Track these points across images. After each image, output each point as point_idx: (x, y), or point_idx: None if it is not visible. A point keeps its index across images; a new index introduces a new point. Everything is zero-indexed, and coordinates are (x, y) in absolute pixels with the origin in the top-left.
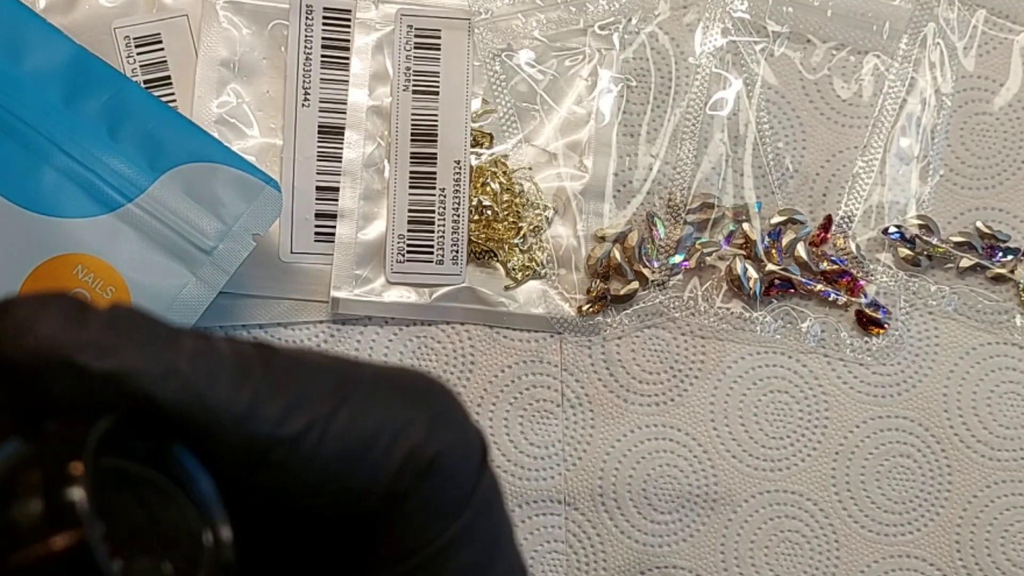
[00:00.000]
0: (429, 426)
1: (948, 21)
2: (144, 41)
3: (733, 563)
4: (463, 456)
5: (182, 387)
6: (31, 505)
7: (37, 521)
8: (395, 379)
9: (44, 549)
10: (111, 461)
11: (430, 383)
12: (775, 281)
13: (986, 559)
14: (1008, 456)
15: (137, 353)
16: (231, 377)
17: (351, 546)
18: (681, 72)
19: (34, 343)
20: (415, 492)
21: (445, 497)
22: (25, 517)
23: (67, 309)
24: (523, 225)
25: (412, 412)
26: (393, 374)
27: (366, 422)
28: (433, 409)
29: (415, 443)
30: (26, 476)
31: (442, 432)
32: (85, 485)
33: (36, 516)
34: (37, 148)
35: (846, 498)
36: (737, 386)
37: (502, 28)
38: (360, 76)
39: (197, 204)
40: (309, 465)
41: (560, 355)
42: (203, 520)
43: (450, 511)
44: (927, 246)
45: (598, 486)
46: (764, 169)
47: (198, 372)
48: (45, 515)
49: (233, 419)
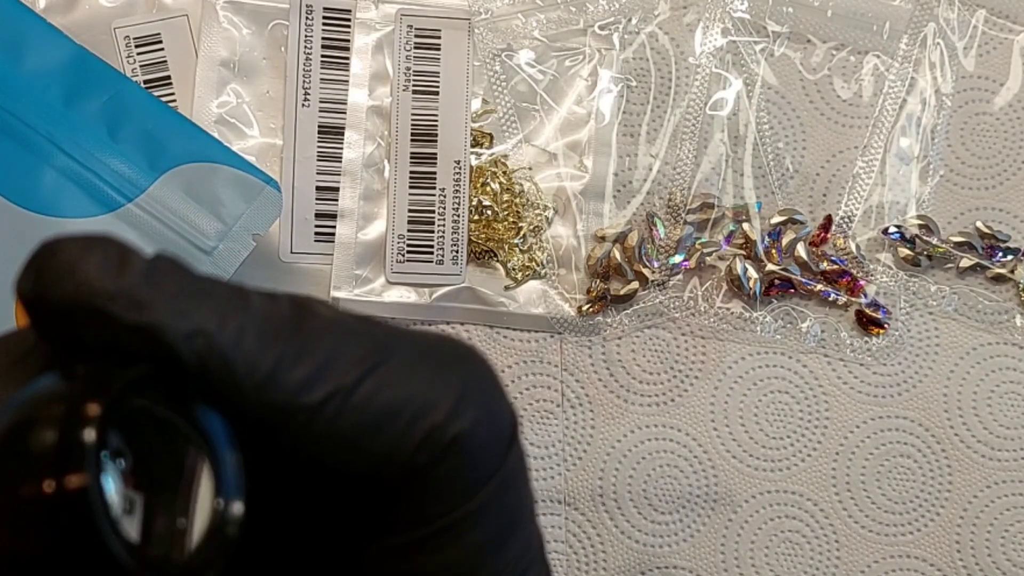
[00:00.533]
0: (455, 404)
1: (948, 21)
2: (144, 41)
3: (733, 563)
4: (487, 436)
5: (206, 346)
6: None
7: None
8: (429, 351)
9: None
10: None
11: (466, 356)
12: (775, 281)
13: (986, 559)
14: (1008, 456)
15: (167, 308)
16: (258, 338)
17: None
18: (681, 72)
19: (72, 288)
20: (432, 470)
21: (464, 476)
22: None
23: (109, 256)
24: (523, 225)
25: (439, 388)
26: (429, 345)
27: (389, 396)
28: (463, 385)
29: (436, 423)
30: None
31: (468, 411)
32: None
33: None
34: (37, 148)
35: (846, 498)
36: (737, 386)
37: (502, 28)
38: (360, 76)
39: (197, 204)
40: (328, 433)
41: (560, 355)
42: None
43: (468, 489)
44: (927, 246)
45: (598, 486)
46: (764, 169)
47: (225, 331)
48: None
49: (254, 383)
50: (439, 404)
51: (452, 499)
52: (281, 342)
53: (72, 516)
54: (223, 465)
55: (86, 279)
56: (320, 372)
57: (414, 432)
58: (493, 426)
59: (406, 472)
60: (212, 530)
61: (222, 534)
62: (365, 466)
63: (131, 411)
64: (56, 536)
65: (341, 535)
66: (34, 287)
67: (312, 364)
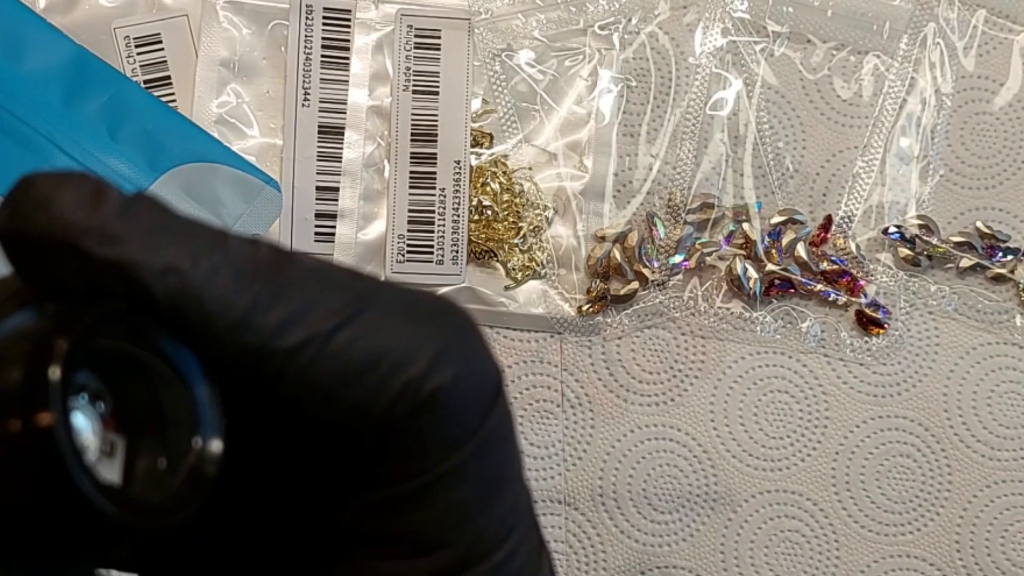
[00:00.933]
0: (434, 357)
1: (948, 21)
2: (144, 41)
3: (733, 563)
4: (468, 392)
5: (179, 284)
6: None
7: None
8: (412, 304)
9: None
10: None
11: (449, 310)
12: (775, 281)
13: (986, 559)
14: (1008, 456)
15: (141, 244)
16: (234, 279)
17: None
18: (681, 72)
19: (46, 221)
20: (410, 424)
21: (443, 432)
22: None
23: (84, 190)
24: (523, 225)
25: (419, 341)
26: (412, 298)
27: (367, 345)
28: (444, 339)
29: (414, 375)
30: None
31: (449, 365)
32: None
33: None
34: (37, 148)
35: (846, 498)
36: (737, 386)
37: (502, 28)
38: (360, 76)
39: (197, 204)
40: (303, 380)
41: (560, 355)
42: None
43: (448, 445)
44: (927, 246)
45: (598, 486)
46: (764, 169)
47: (199, 270)
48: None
49: (227, 324)
50: (418, 357)
51: (431, 455)
52: (257, 284)
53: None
54: (199, 403)
55: (60, 212)
56: (296, 317)
57: (391, 384)
58: (475, 382)
59: (383, 425)
60: (190, 469)
61: (200, 473)
62: (342, 416)
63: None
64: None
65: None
66: (8, 221)
67: (288, 308)
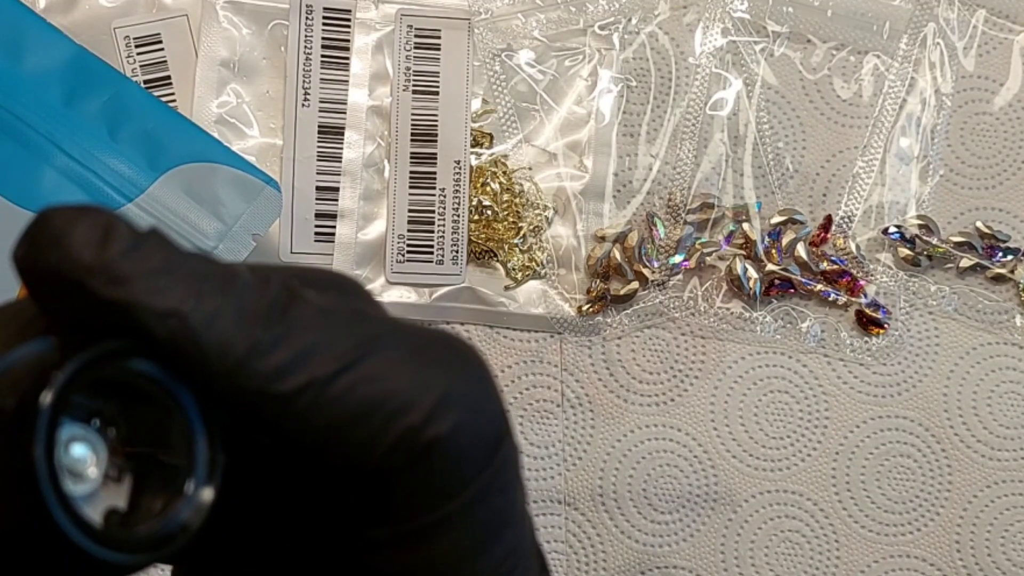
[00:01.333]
0: (435, 406)
1: (948, 21)
2: (144, 41)
3: (733, 563)
4: (470, 440)
5: (179, 327)
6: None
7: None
8: (421, 347)
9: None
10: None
11: (458, 354)
12: (775, 281)
13: (986, 559)
14: (1008, 456)
15: (144, 285)
16: (236, 322)
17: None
18: (681, 72)
19: (56, 259)
20: (407, 472)
21: (441, 481)
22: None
23: (95, 227)
24: (523, 225)
25: (422, 387)
26: (422, 341)
27: (368, 392)
28: (448, 385)
29: (413, 423)
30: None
31: (450, 413)
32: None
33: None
34: (37, 148)
35: (846, 498)
36: (737, 386)
37: (502, 28)
38: (360, 76)
39: (197, 204)
40: (301, 425)
41: (560, 355)
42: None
43: (446, 492)
44: (927, 246)
45: (598, 486)
46: (764, 169)
47: (200, 312)
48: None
49: (225, 367)
50: (419, 404)
51: (427, 503)
52: (260, 327)
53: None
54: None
55: (69, 251)
56: (296, 362)
57: (389, 432)
58: (477, 429)
59: (380, 472)
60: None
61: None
62: (339, 460)
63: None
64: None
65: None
66: (26, 254)
67: (289, 353)
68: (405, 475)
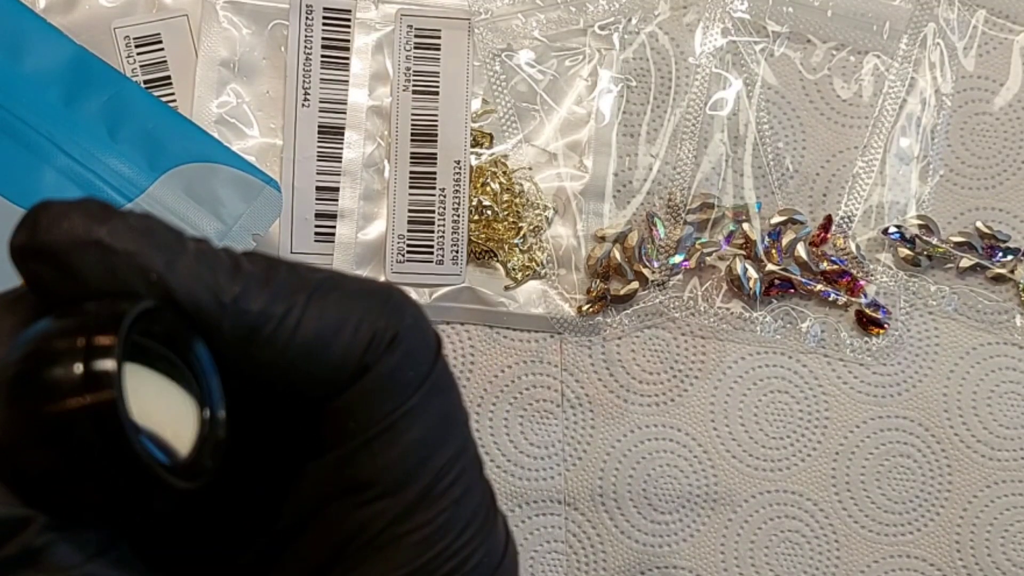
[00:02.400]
0: (389, 314)
1: (948, 21)
2: (144, 41)
3: (733, 563)
4: (419, 339)
5: (188, 272)
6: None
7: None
8: (364, 284)
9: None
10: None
11: (392, 288)
12: (775, 281)
13: (986, 559)
14: (1008, 456)
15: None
16: (227, 271)
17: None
18: (681, 72)
19: (68, 228)
20: (378, 365)
21: (404, 372)
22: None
23: (93, 207)
24: (523, 225)
25: (376, 304)
26: (363, 281)
27: (338, 309)
28: (392, 302)
29: (378, 326)
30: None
31: (401, 319)
32: (117, 356)
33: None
34: (37, 148)
35: (846, 498)
36: (737, 386)
37: (502, 28)
38: (360, 76)
39: (197, 204)
40: (291, 342)
41: (560, 355)
42: (205, 400)
43: (408, 386)
44: (927, 246)
45: (598, 486)
46: (764, 169)
47: (201, 264)
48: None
49: (230, 299)
50: (378, 315)
51: (396, 394)
52: (244, 274)
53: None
54: (208, 383)
55: (79, 220)
56: (279, 294)
57: (362, 334)
58: (422, 334)
59: (359, 370)
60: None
61: (214, 437)
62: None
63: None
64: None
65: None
66: (29, 237)
67: (271, 288)
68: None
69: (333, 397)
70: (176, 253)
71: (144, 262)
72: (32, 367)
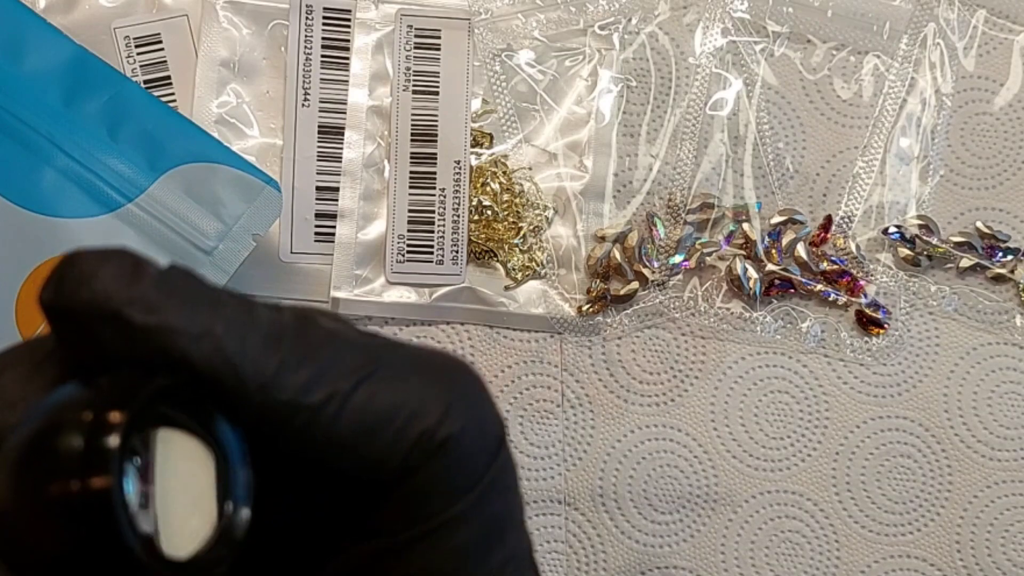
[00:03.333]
0: (445, 409)
1: (948, 21)
2: (144, 41)
3: (733, 563)
4: (475, 442)
5: (214, 349)
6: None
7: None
8: (422, 361)
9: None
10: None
11: (456, 367)
12: (775, 281)
13: (986, 559)
14: (1008, 456)
15: (178, 313)
16: (263, 343)
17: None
18: (681, 72)
19: (89, 296)
20: (424, 470)
21: (453, 477)
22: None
23: (123, 266)
24: (523, 225)
25: (431, 394)
26: (422, 356)
27: (385, 400)
28: (453, 392)
29: (428, 425)
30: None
31: (457, 416)
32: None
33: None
34: (37, 148)
35: (846, 498)
36: (737, 386)
37: (502, 28)
38: (360, 76)
39: (197, 204)
40: (328, 433)
41: (560, 355)
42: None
43: (457, 491)
44: (927, 246)
45: (598, 486)
46: (764, 169)
47: (232, 335)
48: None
49: (258, 383)
50: (430, 409)
51: (441, 500)
52: (284, 348)
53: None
54: (235, 472)
55: (103, 287)
56: (319, 376)
57: (408, 434)
58: (480, 433)
59: (400, 472)
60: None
61: (231, 536)
62: (361, 467)
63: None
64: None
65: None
66: (55, 296)
67: (312, 369)
68: (421, 474)
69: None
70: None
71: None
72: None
